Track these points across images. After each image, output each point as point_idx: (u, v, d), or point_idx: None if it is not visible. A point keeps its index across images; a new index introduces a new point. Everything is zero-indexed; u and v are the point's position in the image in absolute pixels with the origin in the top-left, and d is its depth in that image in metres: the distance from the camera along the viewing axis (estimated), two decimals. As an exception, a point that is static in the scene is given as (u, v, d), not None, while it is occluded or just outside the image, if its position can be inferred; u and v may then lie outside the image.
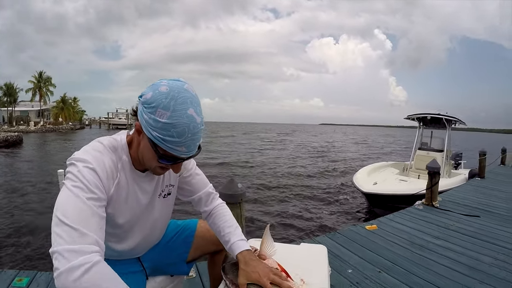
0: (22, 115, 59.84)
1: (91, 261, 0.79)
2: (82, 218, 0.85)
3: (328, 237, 3.67)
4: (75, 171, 0.92)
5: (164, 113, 0.93)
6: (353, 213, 8.48)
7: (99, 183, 0.95)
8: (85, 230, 0.83)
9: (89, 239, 0.83)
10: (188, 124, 0.94)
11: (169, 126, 0.93)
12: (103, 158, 1.01)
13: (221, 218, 1.36)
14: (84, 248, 0.80)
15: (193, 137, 0.97)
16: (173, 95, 0.94)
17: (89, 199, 0.89)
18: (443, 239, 3.70)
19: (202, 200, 1.40)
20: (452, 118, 9.33)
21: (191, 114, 0.95)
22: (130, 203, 1.14)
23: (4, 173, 14.49)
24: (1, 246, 5.94)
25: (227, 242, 1.27)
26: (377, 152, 29.46)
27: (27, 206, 8.66)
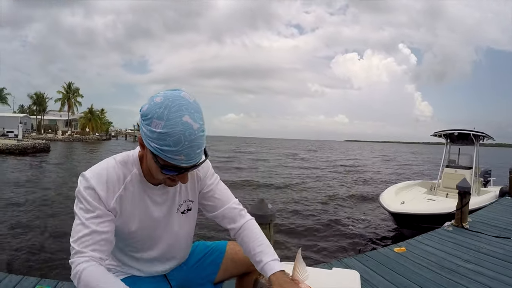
0: (51, 124, 62.08)
1: (79, 270, 0.98)
2: (79, 237, 1.03)
3: (356, 259, 3.68)
4: (78, 192, 1.07)
5: (159, 123, 0.94)
6: (380, 233, 8.36)
7: (98, 200, 1.06)
8: (79, 248, 1.02)
9: (83, 255, 1.01)
10: (183, 132, 0.94)
11: (164, 136, 0.94)
12: (106, 173, 1.10)
13: (251, 236, 1.32)
14: (76, 261, 1.00)
15: (191, 144, 0.96)
16: (167, 104, 0.95)
17: (88, 219, 1.04)
18: (473, 263, 3.64)
19: (226, 217, 1.36)
20: (480, 133, 9.12)
21: (186, 121, 0.94)
22: (138, 214, 1.18)
23: (30, 179, 15.03)
24: (24, 252, 6.16)
25: (259, 262, 1.24)
26: (407, 170, 28.74)
27: (51, 212, 9.00)
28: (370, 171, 27.14)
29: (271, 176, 20.11)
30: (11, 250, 6.26)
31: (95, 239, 1.04)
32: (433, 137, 10.24)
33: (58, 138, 51.65)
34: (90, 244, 1.03)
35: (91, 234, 1.04)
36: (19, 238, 6.97)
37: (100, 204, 1.07)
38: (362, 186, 17.45)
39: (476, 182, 9.15)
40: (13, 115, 57.37)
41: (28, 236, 7.11)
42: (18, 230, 7.45)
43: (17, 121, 49.61)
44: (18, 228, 7.63)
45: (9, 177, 15.27)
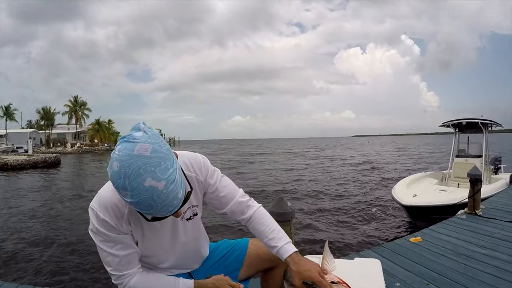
0: (59, 137, 62.53)
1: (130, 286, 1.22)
2: (115, 267, 1.21)
3: (373, 251, 3.77)
4: (93, 227, 1.17)
5: (126, 193, 0.94)
6: (395, 226, 8.43)
7: (112, 229, 1.16)
8: (119, 273, 1.21)
9: (125, 276, 1.22)
10: (151, 197, 0.93)
11: (136, 204, 0.95)
12: (109, 201, 1.15)
13: (262, 223, 1.37)
14: (123, 282, 1.22)
15: (163, 203, 0.95)
16: (124, 172, 0.91)
17: (112, 248, 1.19)
18: (488, 248, 3.72)
19: (235, 210, 1.40)
20: (488, 121, 9.13)
21: (150, 185, 0.92)
22: (146, 231, 1.25)
23: (43, 192, 15.32)
24: (39, 264, 6.30)
25: (274, 247, 1.31)
26: (423, 162, 28.45)
27: (66, 225, 9.16)
28: (384, 164, 27.04)
29: (285, 174, 20.23)
30: (25, 262, 6.44)
31: (127, 260, 1.22)
32: (441, 127, 10.25)
33: (67, 151, 52.15)
34: (126, 265, 1.22)
35: (122, 259, 1.21)
36: (31, 250, 7.15)
37: (115, 231, 1.17)
38: (375, 180, 17.50)
39: (487, 170, 9.13)
40: (22, 131, 57.88)
41: (41, 248, 7.29)
42: (32, 243, 7.64)
43: (26, 136, 50.03)
44: (32, 240, 7.82)
45: (22, 192, 15.51)
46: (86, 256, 6.64)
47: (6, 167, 26.66)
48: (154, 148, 0.95)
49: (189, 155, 1.36)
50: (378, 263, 1.62)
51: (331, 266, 1.34)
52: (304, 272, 1.22)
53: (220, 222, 8.40)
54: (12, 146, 47.11)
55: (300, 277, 1.22)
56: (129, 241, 1.22)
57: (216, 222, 8.33)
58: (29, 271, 5.95)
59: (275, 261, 1.52)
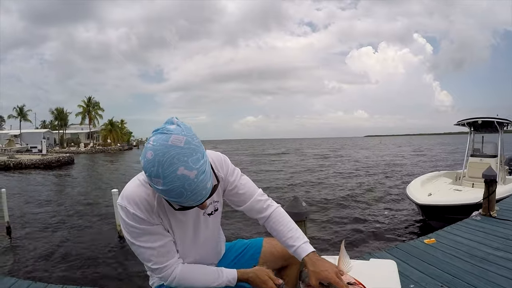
0: (73, 137, 63.37)
1: (173, 277, 1.25)
2: (155, 261, 1.24)
3: (387, 252, 3.76)
4: (125, 223, 1.20)
5: (158, 181, 0.98)
6: (409, 226, 8.39)
7: (144, 222, 1.19)
8: (160, 266, 1.24)
9: (167, 267, 1.25)
10: (182, 185, 0.97)
11: (167, 192, 1.00)
12: (138, 197, 1.18)
13: (280, 223, 1.40)
14: (166, 274, 1.25)
15: (194, 192, 1.00)
16: (158, 160, 0.96)
17: (149, 242, 1.21)
18: (503, 250, 3.68)
19: (254, 208, 1.43)
20: (504, 120, 8.97)
21: (182, 174, 0.97)
22: (173, 223, 1.28)
23: (58, 191, 15.69)
24: (58, 261, 6.45)
25: (292, 246, 1.35)
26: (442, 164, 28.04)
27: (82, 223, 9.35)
28: (401, 165, 26.71)
29: (299, 175, 20.24)
30: (38, 259, 6.60)
31: (166, 250, 1.25)
32: (455, 126, 10.13)
33: (81, 151, 52.75)
34: (165, 256, 1.25)
35: (160, 250, 1.23)
36: (45, 247, 7.30)
37: (148, 224, 1.20)
38: (392, 180, 17.46)
39: (501, 170, 9.01)
40: (36, 131, 58.73)
41: (56, 245, 7.44)
42: (48, 240, 7.81)
43: (40, 136, 50.66)
44: (48, 238, 8.01)
45: (37, 190, 15.82)
46: (101, 252, 6.83)
47: (20, 166, 27.19)
48: (187, 140, 1.01)
49: (211, 153, 1.40)
50: (393, 264, 1.62)
51: (347, 267, 1.35)
52: (322, 272, 1.24)
53: (234, 222, 8.44)
54: (26, 146, 47.86)
55: (317, 277, 1.24)
56: (162, 230, 1.25)
57: (230, 222, 8.38)
58: (47, 268, 6.08)
59: (289, 260, 1.57)
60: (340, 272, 1.29)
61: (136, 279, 5.50)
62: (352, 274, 1.34)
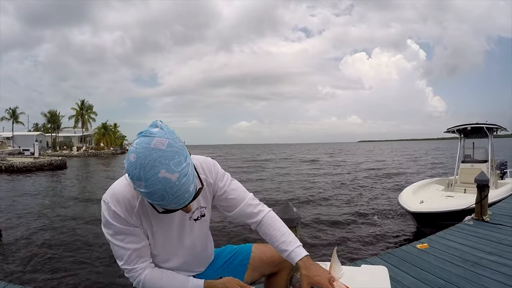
0: (65, 141, 63.10)
1: (140, 280, 1.25)
2: (126, 260, 1.24)
3: (380, 258, 3.75)
4: (104, 219, 1.21)
5: (140, 183, 0.98)
6: (402, 232, 8.38)
7: (123, 221, 1.20)
8: (130, 267, 1.25)
9: (136, 269, 1.25)
10: (164, 188, 0.97)
11: (148, 194, 1.00)
12: (121, 195, 1.19)
13: (273, 227, 1.39)
14: (133, 276, 1.26)
15: (175, 195, 1.00)
16: (140, 163, 0.97)
17: (123, 241, 1.22)
18: (496, 255, 3.68)
19: (245, 213, 1.42)
20: (493, 125, 9.05)
21: (164, 177, 0.96)
22: (155, 227, 1.28)
23: (48, 195, 15.45)
24: (44, 266, 6.33)
25: (285, 251, 1.33)
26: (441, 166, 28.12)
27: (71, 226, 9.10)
28: (395, 170, 26.64)
29: (291, 180, 20.20)
30: (28, 263, 6.51)
31: (138, 254, 1.25)
32: (446, 133, 10.22)
33: (73, 154, 52.47)
34: (136, 259, 1.25)
35: (133, 252, 1.24)
36: (36, 251, 7.23)
37: (126, 224, 1.20)
38: (384, 186, 17.49)
39: (493, 175, 9.04)
40: (28, 134, 58.38)
41: (46, 249, 7.36)
42: (38, 244, 7.74)
43: (33, 139, 50.40)
44: (38, 241, 7.92)
45: (29, 193, 15.62)
46: (92, 253, 6.77)
47: (12, 169, 26.93)
48: (170, 143, 1.00)
49: (200, 158, 1.39)
50: (385, 270, 1.61)
51: (338, 273, 1.34)
52: (314, 277, 1.24)
53: (222, 227, 8.41)
54: (18, 149, 47.50)
55: (309, 281, 1.24)
56: (140, 234, 1.25)
57: (219, 228, 8.33)
58: (34, 271, 5.98)
59: (279, 266, 1.57)
60: (332, 279, 1.28)
61: (125, 282, 5.44)
62: (344, 280, 1.33)
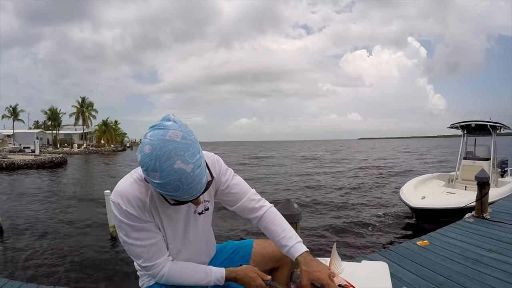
0: (66, 138, 63.02)
1: (162, 274, 1.26)
2: (146, 258, 1.24)
3: (380, 254, 3.76)
4: (117, 220, 1.21)
5: (154, 174, 1.00)
6: (401, 229, 8.38)
7: (136, 219, 1.20)
8: (150, 263, 1.25)
9: (157, 264, 1.26)
10: (179, 179, 0.99)
11: (163, 185, 1.01)
12: (129, 192, 1.20)
13: (273, 223, 1.41)
14: (155, 271, 1.26)
15: (190, 186, 1.02)
16: (156, 154, 0.98)
17: (140, 239, 1.23)
18: (496, 252, 3.68)
19: (246, 208, 1.45)
20: (497, 124, 9.05)
21: (179, 168, 0.99)
22: (166, 223, 1.30)
23: (49, 192, 15.47)
24: (46, 262, 6.40)
25: (285, 246, 1.35)
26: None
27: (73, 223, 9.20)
28: (395, 167, 26.70)
29: (292, 177, 20.27)
30: (29, 260, 6.53)
31: (156, 249, 1.26)
32: (448, 129, 10.20)
33: (74, 152, 52.47)
34: (155, 254, 1.25)
35: (151, 248, 1.24)
36: (37, 248, 7.26)
37: (139, 221, 1.22)
38: (385, 182, 17.50)
39: (494, 173, 9.05)
40: (29, 131, 58.35)
41: (47, 246, 7.39)
42: (39, 241, 7.76)
43: (33, 136, 50.37)
44: (38, 238, 7.95)
45: (29, 191, 15.66)
46: (93, 249, 6.82)
47: (13, 167, 26.97)
48: (184, 135, 1.03)
49: (203, 153, 1.38)
50: (385, 266, 1.62)
51: (338, 268, 1.35)
52: (314, 272, 1.24)
53: (224, 223, 8.42)
54: (19, 146, 47.54)
55: (309, 277, 1.24)
56: (154, 228, 1.27)
57: (220, 224, 8.35)
58: (35, 269, 6.00)
59: (280, 261, 1.58)
60: (332, 274, 1.28)
61: (127, 279, 5.46)
62: (344, 276, 1.34)
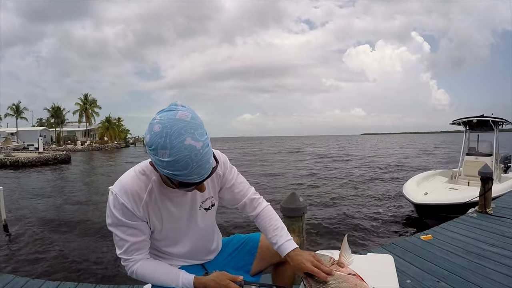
0: (69, 135, 63.07)
1: (133, 270, 1.30)
2: (124, 250, 1.28)
3: (384, 248, 3.80)
4: (109, 210, 1.25)
5: (164, 152, 1.00)
6: (405, 224, 8.39)
7: (128, 213, 1.23)
8: (127, 257, 1.29)
9: (131, 260, 1.30)
10: (189, 155, 1.00)
11: (172, 163, 1.01)
12: (130, 187, 1.23)
13: (267, 221, 1.47)
14: (128, 265, 1.31)
15: (199, 163, 1.03)
16: (166, 132, 1.00)
17: (125, 233, 1.26)
18: (499, 247, 3.72)
19: (246, 206, 1.51)
20: (499, 119, 9.04)
21: (189, 144, 1.00)
22: (163, 216, 1.31)
23: (55, 189, 15.55)
24: (58, 258, 6.46)
25: (275, 244, 1.41)
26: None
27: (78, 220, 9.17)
28: (400, 163, 26.46)
29: (296, 172, 20.33)
30: (35, 256, 6.58)
31: (136, 247, 1.30)
32: (451, 125, 10.20)
33: (77, 149, 52.48)
34: (134, 251, 1.30)
35: (132, 245, 1.28)
36: (42, 244, 7.31)
37: (131, 217, 1.24)
38: (388, 178, 17.50)
39: (497, 168, 9.04)
40: (33, 129, 58.48)
41: (53, 242, 7.44)
42: (44, 237, 7.81)
43: (37, 134, 50.46)
44: (44, 235, 7.99)
45: (34, 188, 15.75)
46: (97, 245, 6.85)
47: (17, 164, 27.07)
48: (193, 116, 1.06)
49: None
50: (390, 258, 1.64)
51: (348, 260, 1.37)
52: (298, 265, 1.29)
53: (231, 217, 8.45)
54: (23, 144, 47.64)
55: (296, 270, 1.34)
56: (142, 228, 1.29)
57: (227, 218, 8.40)
58: (40, 264, 6.07)
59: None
60: (341, 265, 1.32)
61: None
62: (350, 267, 1.35)
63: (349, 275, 1.28)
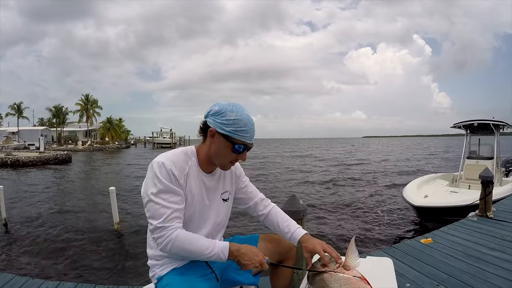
0: (70, 135, 63.01)
1: (172, 238, 1.32)
2: (165, 218, 1.33)
3: (384, 251, 3.79)
4: (154, 176, 1.37)
5: (232, 114, 1.39)
6: (405, 227, 8.41)
7: (173, 179, 1.38)
8: (166, 224, 1.33)
9: (171, 227, 1.33)
10: (248, 118, 1.42)
11: (237, 121, 1.39)
12: (174, 157, 1.44)
13: (277, 216, 1.70)
14: (166, 233, 1.33)
15: (252, 127, 1.43)
16: (233, 104, 1.43)
17: (167, 200, 1.35)
18: (499, 251, 3.71)
19: (257, 206, 1.75)
20: (500, 122, 9.06)
21: (247, 114, 1.43)
22: (195, 193, 1.49)
23: (55, 189, 15.57)
24: (58, 258, 6.47)
25: (287, 232, 1.62)
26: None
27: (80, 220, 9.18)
28: (401, 167, 26.53)
29: (297, 175, 20.26)
30: (35, 256, 6.62)
31: (177, 214, 1.38)
32: (452, 128, 10.20)
33: (78, 149, 52.46)
34: (174, 219, 1.36)
35: (174, 212, 1.36)
36: (42, 244, 7.36)
37: (174, 183, 1.38)
38: (389, 181, 17.52)
39: (498, 172, 9.04)
40: (34, 128, 58.54)
41: (53, 242, 7.47)
42: (45, 236, 7.85)
43: (38, 134, 50.46)
44: (45, 234, 8.02)
45: (34, 187, 15.79)
46: (97, 244, 6.85)
47: (18, 164, 27.07)
48: None
49: None
50: (390, 262, 1.67)
51: (355, 262, 1.41)
52: (310, 245, 1.49)
53: (231, 219, 8.45)
54: (24, 143, 47.65)
55: (307, 250, 1.49)
56: (183, 196, 1.42)
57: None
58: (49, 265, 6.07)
59: (284, 255, 1.71)
60: (347, 267, 1.37)
61: (134, 274, 5.52)
62: (350, 270, 1.36)
63: (354, 278, 1.29)
